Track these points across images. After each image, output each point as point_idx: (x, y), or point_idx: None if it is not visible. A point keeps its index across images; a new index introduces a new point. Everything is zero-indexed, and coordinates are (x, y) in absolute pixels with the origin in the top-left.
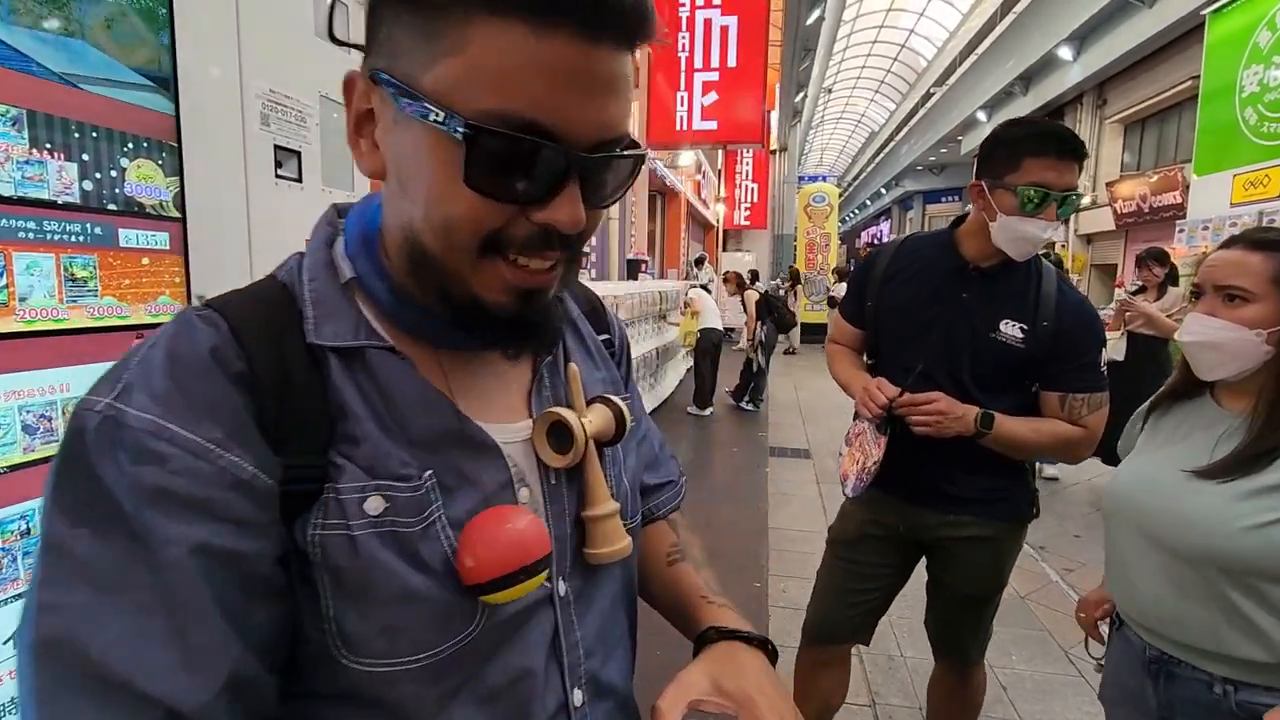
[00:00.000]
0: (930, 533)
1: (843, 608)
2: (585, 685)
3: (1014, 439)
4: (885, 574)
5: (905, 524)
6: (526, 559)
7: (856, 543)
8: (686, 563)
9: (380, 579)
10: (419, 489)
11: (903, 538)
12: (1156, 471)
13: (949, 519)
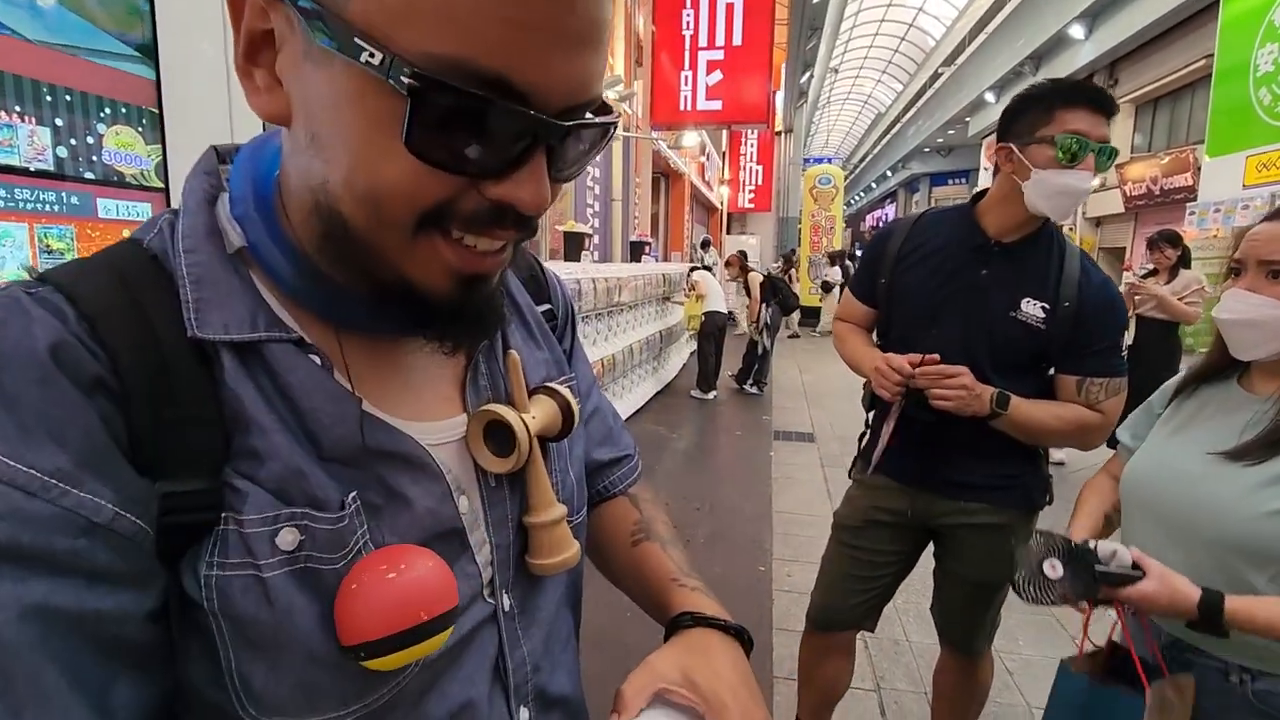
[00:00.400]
0: (939, 519)
1: (848, 595)
2: (532, 702)
3: (1029, 422)
4: (892, 561)
5: (914, 510)
6: (420, 616)
7: (863, 529)
8: (652, 541)
9: (297, 631)
10: (341, 518)
11: (911, 524)
12: (1178, 458)
13: (959, 505)
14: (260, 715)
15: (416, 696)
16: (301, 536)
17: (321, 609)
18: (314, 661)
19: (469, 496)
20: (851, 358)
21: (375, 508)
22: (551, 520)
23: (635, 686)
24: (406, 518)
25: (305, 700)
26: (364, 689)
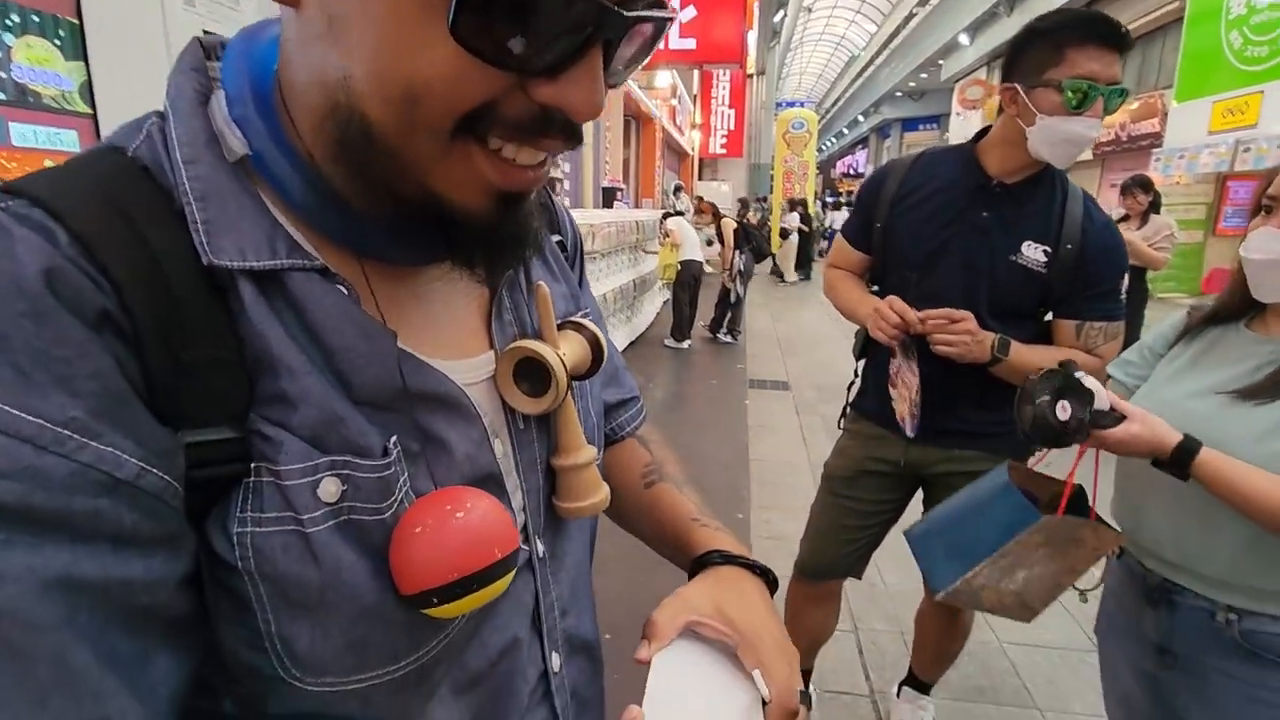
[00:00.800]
0: (933, 468)
1: (838, 544)
2: (562, 646)
3: (1028, 367)
4: (883, 510)
5: (907, 459)
6: (494, 555)
7: (855, 479)
8: (666, 483)
9: (346, 588)
10: (385, 465)
11: (903, 473)
12: (1185, 398)
13: (954, 454)
14: (305, 677)
15: (460, 648)
16: (344, 487)
17: (371, 563)
18: (366, 618)
19: (501, 439)
20: (845, 305)
21: (412, 454)
22: (583, 462)
23: (668, 614)
24: (445, 463)
25: (355, 659)
26: (418, 641)
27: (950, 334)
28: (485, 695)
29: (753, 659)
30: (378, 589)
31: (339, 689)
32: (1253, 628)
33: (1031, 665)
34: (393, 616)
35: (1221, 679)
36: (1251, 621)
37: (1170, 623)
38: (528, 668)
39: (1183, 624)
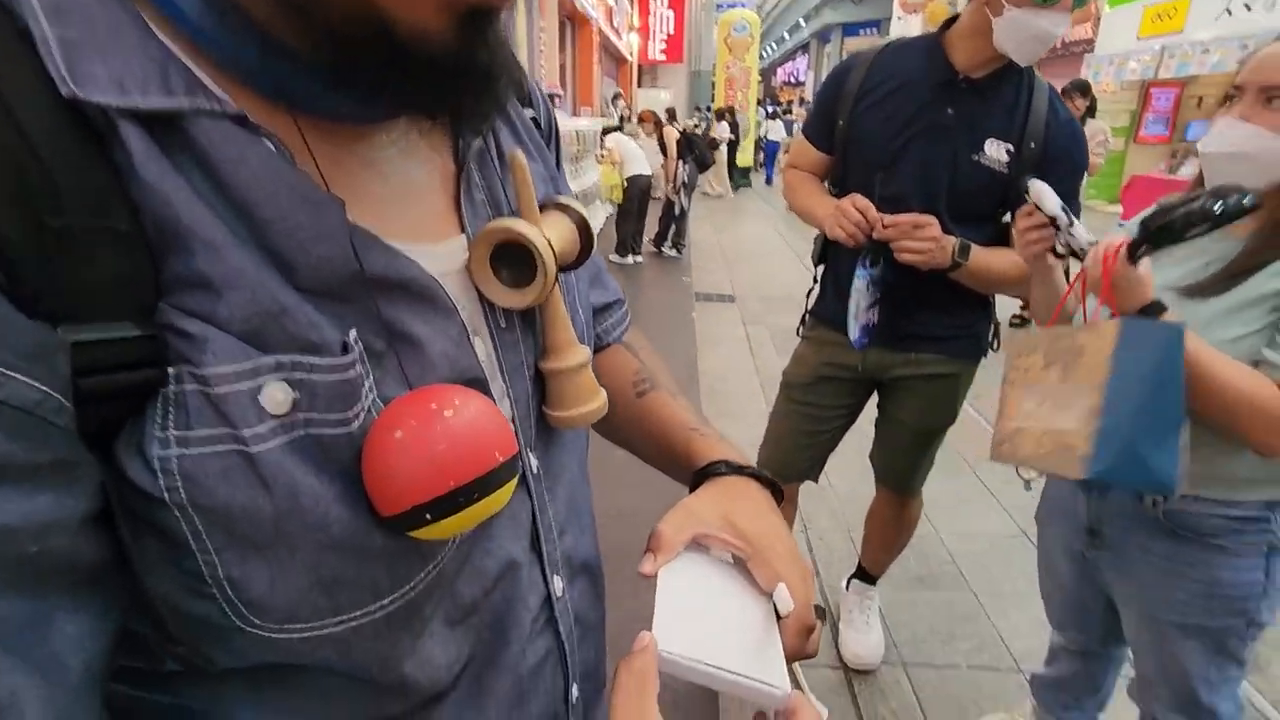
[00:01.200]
0: (890, 372)
1: (796, 450)
2: (563, 569)
3: (986, 272)
4: (840, 414)
5: (865, 364)
6: (495, 458)
7: (812, 385)
8: (659, 391)
9: (307, 520)
10: (346, 364)
11: (861, 378)
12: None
13: (912, 357)
14: (265, 624)
15: (452, 577)
16: (295, 394)
17: (338, 485)
18: (337, 551)
19: (481, 339)
20: (804, 207)
21: (377, 354)
22: (576, 365)
23: (673, 527)
24: (419, 365)
25: (326, 600)
26: (402, 574)
27: (918, 239)
28: (483, 625)
29: (767, 572)
30: (348, 516)
31: (310, 635)
32: (1175, 508)
33: (966, 553)
34: (369, 547)
35: (1142, 555)
36: (1175, 502)
37: (1101, 507)
38: (528, 594)
39: (1112, 508)
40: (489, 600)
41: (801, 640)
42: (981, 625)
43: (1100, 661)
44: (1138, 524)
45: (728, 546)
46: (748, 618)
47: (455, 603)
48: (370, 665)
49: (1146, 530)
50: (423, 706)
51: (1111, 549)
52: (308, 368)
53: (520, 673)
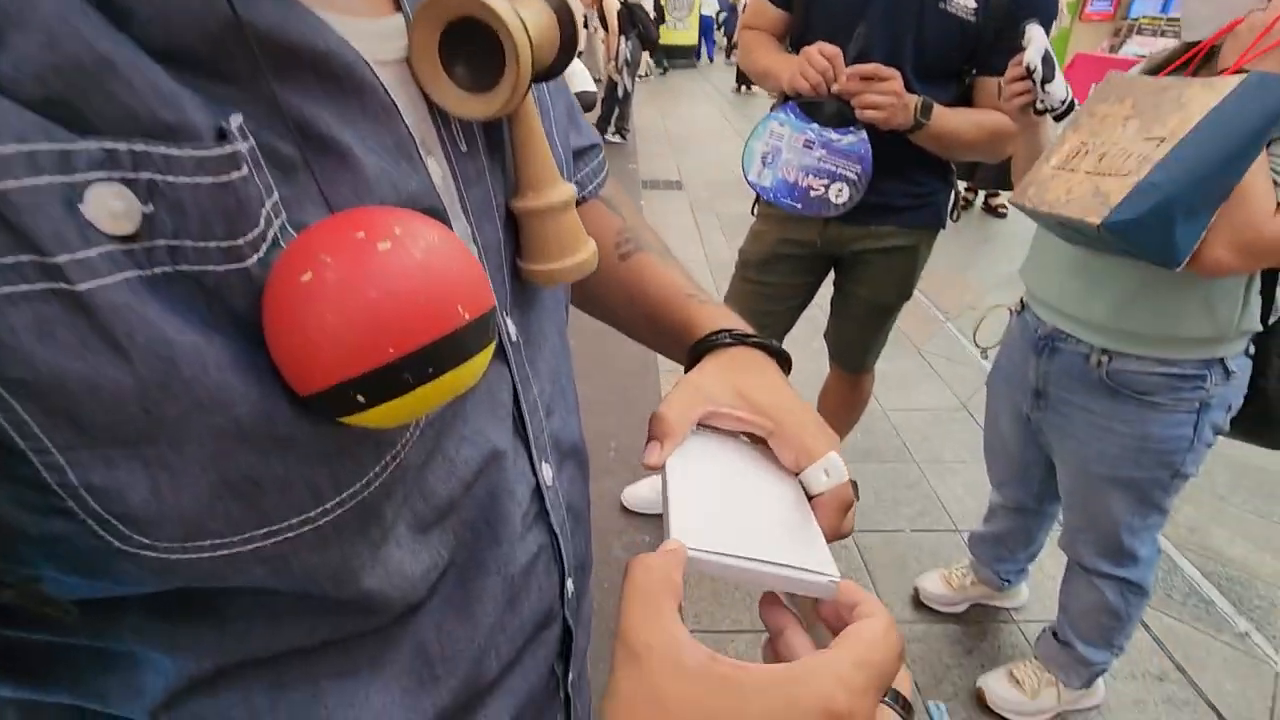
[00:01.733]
0: (848, 246)
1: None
2: (551, 454)
3: (948, 133)
4: (796, 293)
5: (823, 239)
6: (459, 315)
7: (769, 263)
8: (645, 252)
9: (192, 396)
10: (222, 159)
11: (818, 254)
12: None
13: (870, 230)
14: (159, 544)
15: (418, 471)
16: (146, 206)
17: (239, 347)
18: (249, 441)
19: (436, 161)
20: (762, 68)
21: (283, 163)
22: (560, 203)
23: (679, 407)
24: (347, 187)
25: (244, 508)
26: (349, 471)
27: (877, 93)
28: (464, 526)
29: (794, 446)
30: (258, 393)
31: (229, 554)
32: (1119, 367)
33: (909, 426)
34: (296, 436)
35: (1083, 414)
36: (1119, 362)
37: (1049, 367)
38: (516, 485)
39: (1060, 367)
40: (470, 496)
41: (840, 518)
42: (923, 492)
43: (1036, 518)
44: (1080, 384)
45: (744, 424)
46: (777, 500)
47: (427, 502)
48: (320, 582)
49: (1088, 389)
50: (397, 621)
51: (1054, 409)
52: (161, 162)
53: (510, 573)
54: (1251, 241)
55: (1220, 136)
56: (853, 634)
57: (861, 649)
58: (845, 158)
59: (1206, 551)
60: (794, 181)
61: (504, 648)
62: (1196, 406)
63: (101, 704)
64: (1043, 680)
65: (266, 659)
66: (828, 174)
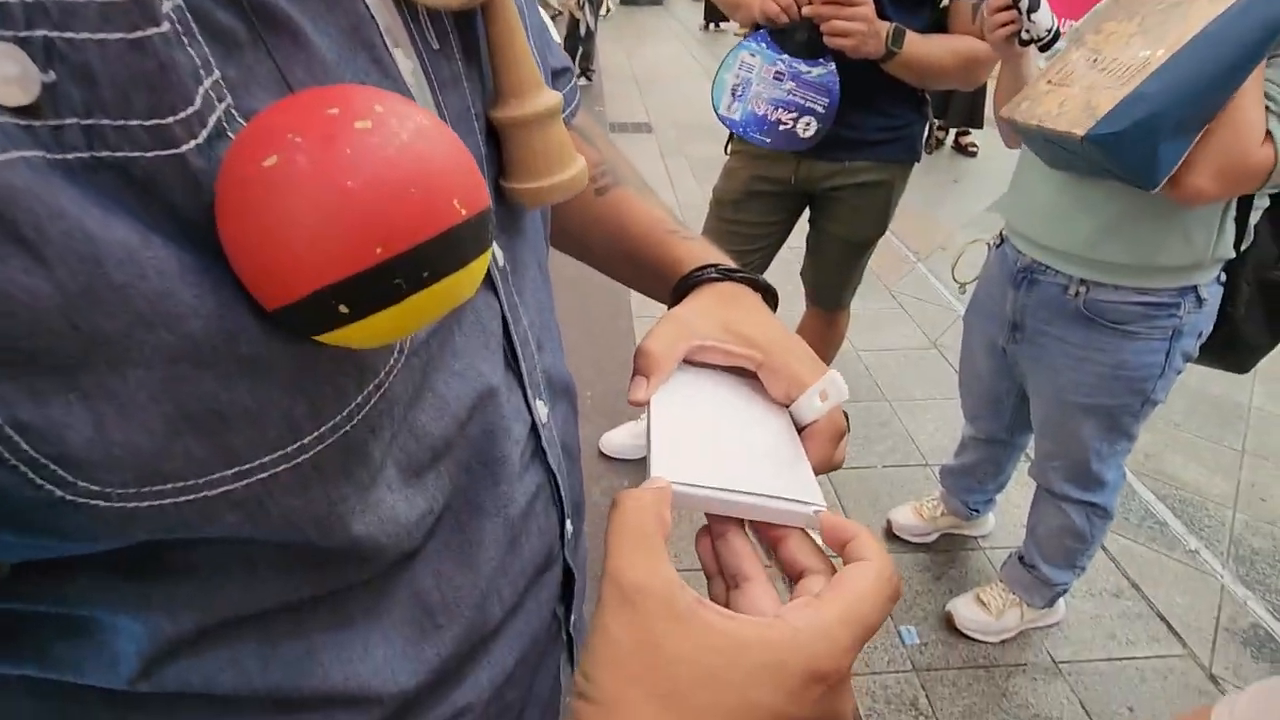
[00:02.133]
0: (823, 183)
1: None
2: (544, 391)
3: (922, 61)
4: (771, 232)
5: (796, 176)
6: (455, 211)
7: (743, 202)
8: (624, 187)
9: (132, 307)
10: (134, 5)
11: (792, 191)
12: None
13: (844, 166)
14: (110, 490)
15: (406, 408)
16: (47, 74)
17: (189, 250)
18: (206, 364)
19: (405, 53)
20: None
21: (227, 38)
22: (545, 110)
23: (664, 341)
24: (302, 67)
25: (206, 444)
26: (329, 399)
27: (846, 19)
28: (458, 468)
29: (784, 377)
30: (215, 304)
31: (193, 498)
32: (1096, 297)
33: (881, 366)
34: (264, 357)
35: (1059, 345)
36: (1096, 292)
37: (1027, 299)
38: (512, 422)
39: (1038, 299)
40: (465, 435)
41: (832, 448)
42: (895, 429)
43: (1005, 449)
44: (1058, 315)
45: (732, 358)
46: (765, 432)
47: (419, 442)
48: (303, 529)
49: (1065, 320)
50: (391, 570)
51: (1030, 341)
52: (56, 14)
53: (511, 515)
54: (1236, 168)
55: (1218, 45)
56: (842, 583)
57: (851, 602)
58: (814, 90)
59: (1161, 476)
60: (763, 115)
61: (506, 592)
62: (1170, 334)
63: (75, 675)
64: (1007, 601)
65: (252, 616)
66: (796, 107)
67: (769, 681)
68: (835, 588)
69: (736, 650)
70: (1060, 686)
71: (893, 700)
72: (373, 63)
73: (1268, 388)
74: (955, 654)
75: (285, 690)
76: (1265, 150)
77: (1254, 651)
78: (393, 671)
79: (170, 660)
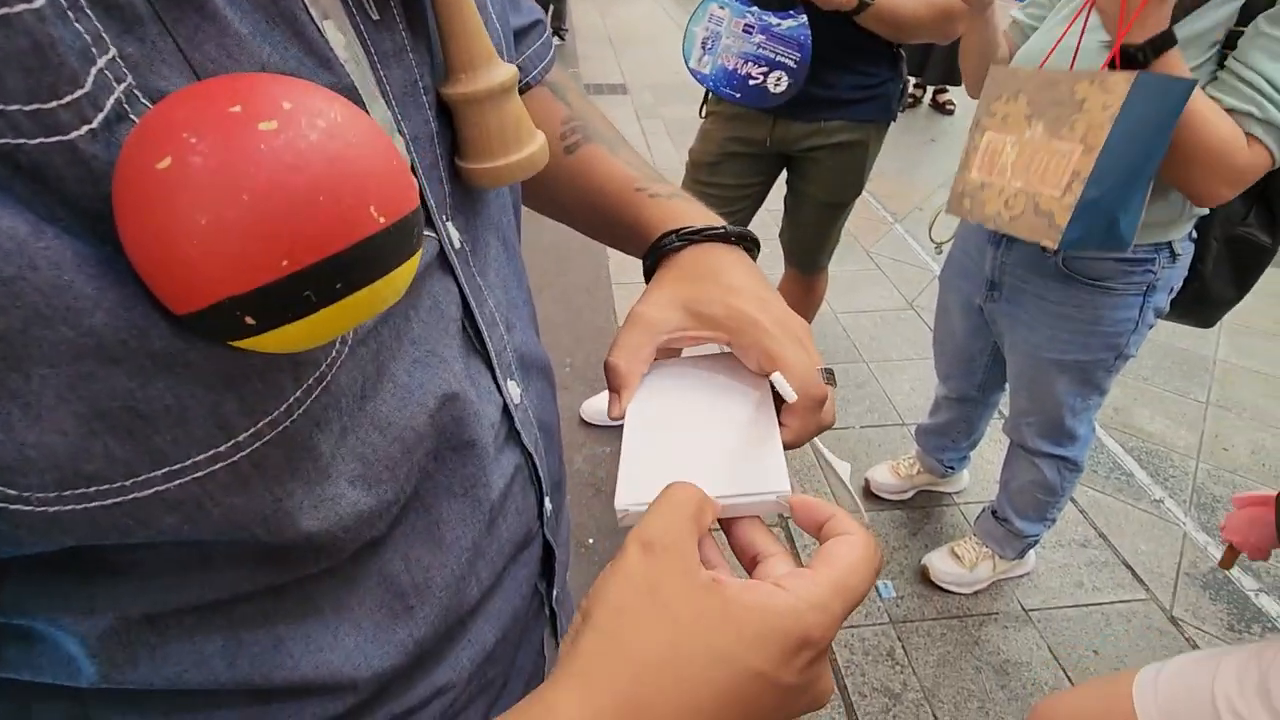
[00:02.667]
0: (799, 144)
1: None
2: (517, 371)
3: (897, 12)
4: (748, 193)
5: (772, 137)
6: (373, 219)
7: (719, 164)
8: (594, 143)
9: (27, 300)
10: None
11: (768, 153)
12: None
13: (819, 126)
14: (29, 494)
15: (356, 398)
16: None
17: (86, 241)
18: (116, 360)
19: (338, 26)
20: None
21: (119, 9)
22: (498, 86)
23: (627, 355)
24: (213, 44)
25: (128, 445)
26: (261, 395)
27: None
28: (427, 456)
29: (754, 354)
30: (118, 298)
31: (121, 500)
32: (1075, 254)
33: (858, 327)
34: (182, 352)
35: (1037, 302)
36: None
37: (1007, 258)
38: (483, 405)
39: (1016, 258)
40: (432, 423)
41: (813, 415)
42: (872, 390)
43: (978, 407)
44: (1036, 272)
45: (700, 343)
46: (736, 418)
47: (383, 433)
48: (247, 528)
49: (1044, 277)
50: (354, 558)
51: (1008, 299)
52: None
53: (486, 497)
54: (1242, 178)
55: (1135, 140)
56: (832, 556)
57: (842, 572)
58: (785, 44)
59: (1129, 429)
60: (733, 69)
61: (484, 572)
62: (1144, 289)
63: (33, 675)
64: (980, 554)
65: (212, 612)
66: (767, 61)
67: (767, 647)
68: (825, 561)
69: (741, 612)
70: (1030, 633)
71: (870, 652)
72: (293, 36)
73: (1232, 340)
74: (930, 606)
75: (255, 682)
76: (1255, 153)
77: (1212, 594)
78: (365, 656)
79: (128, 664)
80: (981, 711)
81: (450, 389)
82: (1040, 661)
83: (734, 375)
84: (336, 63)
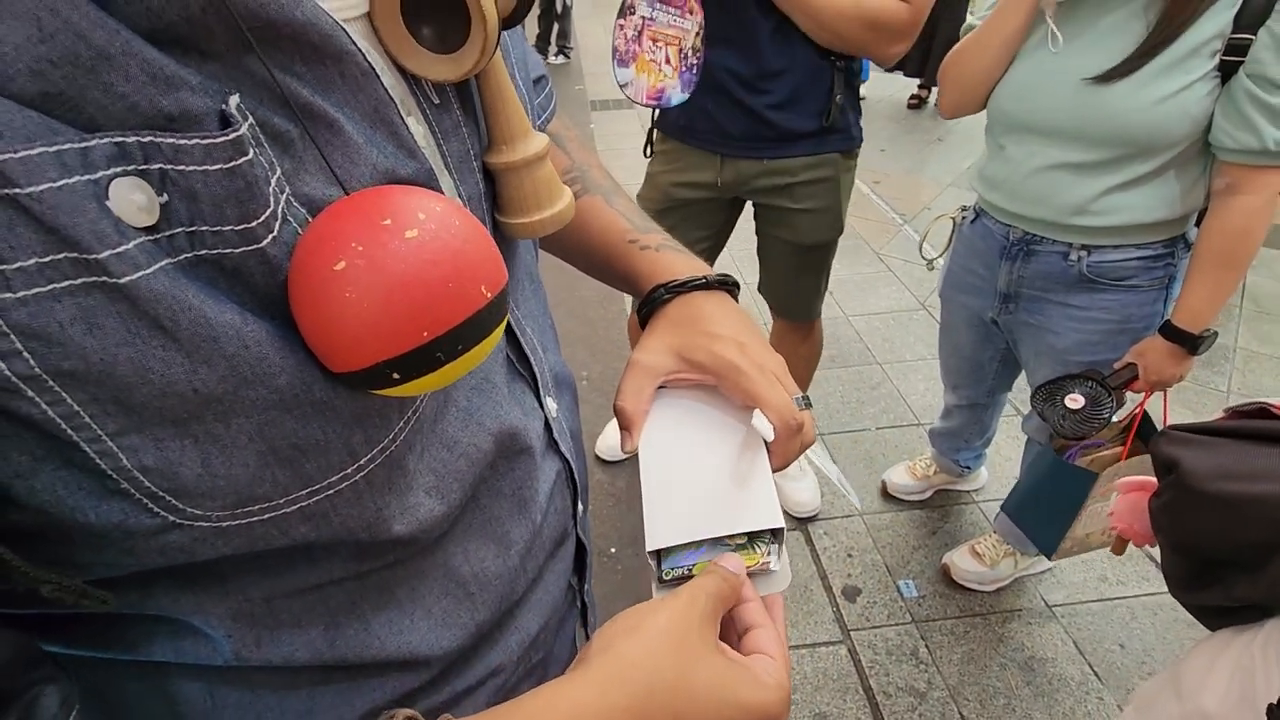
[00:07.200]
0: (754, 183)
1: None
2: (551, 387)
3: (820, 10)
4: (703, 243)
5: (723, 180)
6: (469, 304)
7: (665, 212)
8: (592, 194)
9: (239, 372)
10: (229, 144)
11: (721, 196)
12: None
13: (773, 164)
14: (210, 513)
15: (431, 423)
16: (162, 196)
17: (270, 322)
18: (291, 410)
19: (415, 119)
20: None
21: (283, 138)
22: (534, 156)
23: (632, 397)
24: (344, 153)
25: (288, 472)
26: (379, 428)
27: None
28: (487, 466)
29: (738, 394)
30: (294, 364)
31: (274, 515)
32: (1098, 259)
33: (871, 330)
34: (331, 401)
35: (1061, 309)
36: (1098, 254)
37: (1024, 271)
38: (530, 421)
39: (1036, 270)
40: (491, 438)
41: (794, 440)
42: (887, 391)
43: (988, 410)
44: (1058, 281)
45: (693, 382)
46: (730, 449)
47: (451, 450)
48: (355, 532)
49: (1067, 285)
50: (423, 552)
51: (1027, 310)
52: (170, 152)
53: (534, 499)
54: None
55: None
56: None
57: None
58: (672, 31)
59: None
60: (642, 78)
61: (530, 566)
62: (1166, 282)
63: (177, 656)
64: (1001, 552)
65: (313, 599)
66: (662, 57)
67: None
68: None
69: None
70: (1054, 629)
71: (894, 652)
72: (389, 135)
73: (1252, 328)
74: (952, 604)
75: (350, 659)
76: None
77: None
78: (436, 638)
79: (255, 644)
80: (1008, 708)
81: (502, 409)
82: (1066, 657)
83: (726, 403)
84: (419, 151)
